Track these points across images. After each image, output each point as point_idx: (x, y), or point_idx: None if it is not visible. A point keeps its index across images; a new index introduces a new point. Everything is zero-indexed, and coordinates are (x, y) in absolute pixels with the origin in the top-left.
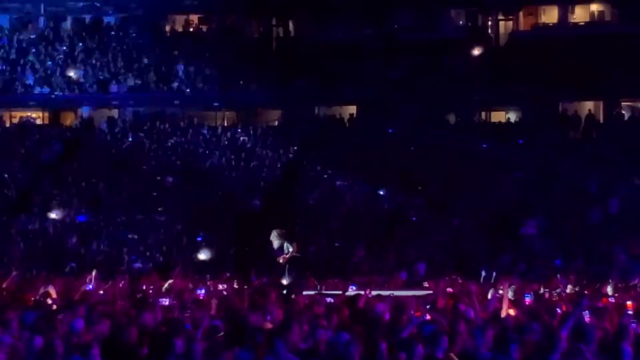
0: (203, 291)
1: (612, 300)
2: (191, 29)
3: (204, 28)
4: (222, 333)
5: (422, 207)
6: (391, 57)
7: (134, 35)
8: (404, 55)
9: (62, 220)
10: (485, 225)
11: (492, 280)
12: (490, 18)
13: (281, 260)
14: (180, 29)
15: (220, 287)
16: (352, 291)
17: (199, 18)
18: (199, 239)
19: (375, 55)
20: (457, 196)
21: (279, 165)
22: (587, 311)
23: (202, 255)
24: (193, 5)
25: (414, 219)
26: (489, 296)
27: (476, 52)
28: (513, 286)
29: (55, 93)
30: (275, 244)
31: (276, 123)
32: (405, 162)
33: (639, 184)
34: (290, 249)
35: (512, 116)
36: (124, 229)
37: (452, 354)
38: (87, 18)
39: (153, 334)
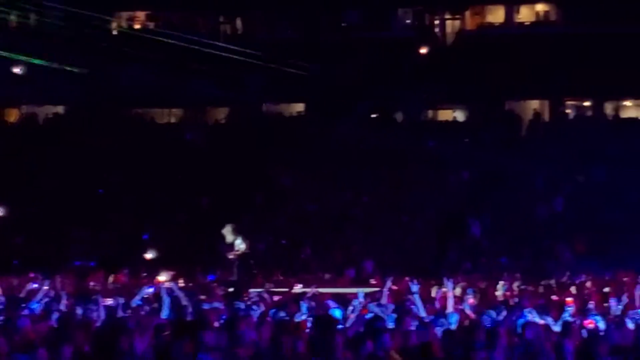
0: (152, 289)
1: (554, 297)
2: (137, 26)
3: (151, 25)
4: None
5: (370, 205)
6: (339, 56)
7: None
8: (353, 53)
9: (6, 217)
10: (432, 223)
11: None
12: (437, 17)
13: (231, 256)
14: (126, 26)
15: (167, 285)
16: (298, 289)
17: (145, 15)
18: (145, 236)
19: (324, 54)
20: (404, 194)
21: (226, 163)
22: (531, 308)
23: (149, 253)
24: (140, 2)
25: (362, 216)
26: (434, 294)
27: (423, 51)
28: (460, 283)
29: None
30: (228, 239)
31: (224, 121)
32: (353, 160)
33: (583, 182)
34: (242, 246)
35: (459, 115)
36: (70, 226)
37: (393, 351)
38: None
39: (97, 332)
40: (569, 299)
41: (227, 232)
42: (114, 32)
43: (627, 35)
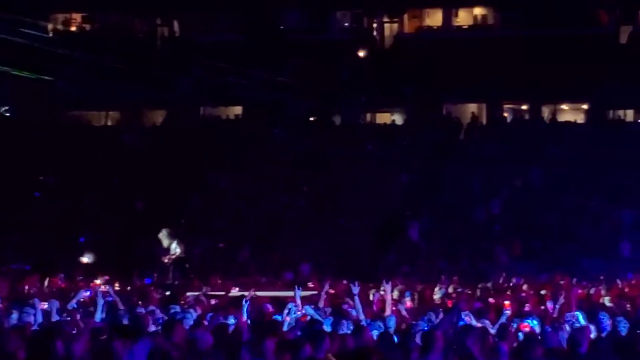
0: (88, 293)
1: (491, 300)
2: (73, 28)
3: (87, 27)
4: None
5: (307, 208)
6: (277, 58)
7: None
8: (290, 56)
9: None
10: (370, 226)
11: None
12: (375, 20)
13: (166, 260)
14: (62, 28)
15: (103, 288)
16: (235, 292)
17: (82, 17)
18: (81, 240)
19: (262, 56)
20: (342, 197)
21: (163, 166)
22: (468, 312)
23: (85, 257)
24: (76, 4)
25: (299, 219)
26: (372, 297)
27: (361, 54)
28: (398, 286)
29: None
30: (164, 243)
31: (161, 123)
32: (291, 163)
33: (520, 185)
34: (178, 250)
35: (397, 118)
36: (5, 229)
37: (330, 355)
38: None
39: (32, 337)
40: (506, 302)
41: (163, 236)
42: (50, 34)
43: (564, 39)
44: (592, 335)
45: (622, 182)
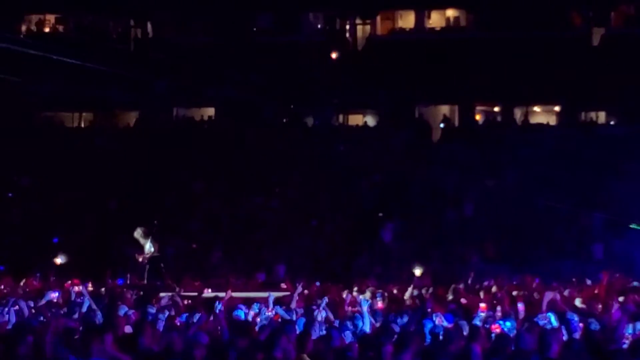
0: (57, 294)
1: (464, 301)
2: (47, 29)
3: (61, 28)
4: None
5: (280, 209)
6: (251, 60)
7: None
8: (264, 57)
9: None
10: (343, 228)
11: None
12: (348, 22)
13: (140, 260)
14: (35, 29)
15: (76, 288)
16: (208, 293)
17: (55, 18)
18: (55, 240)
19: (235, 58)
20: (315, 199)
21: (136, 167)
22: (438, 313)
23: (59, 258)
24: (49, 5)
25: (272, 221)
26: (344, 298)
27: (334, 55)
28: (370, 288)
29: None
30: (139, 242)
31: (134, 125)
32: (263, 165)
33: (492, 187)
34: (152, 249)
35: (370, 120)
36: None
37: (304, 355)
38: None
39: (6, 336)
40: (482, 305)
41: (138, 235)
42: (23, 35)
43: (536, 41)
44: (564, 337)
45: (594, 184)
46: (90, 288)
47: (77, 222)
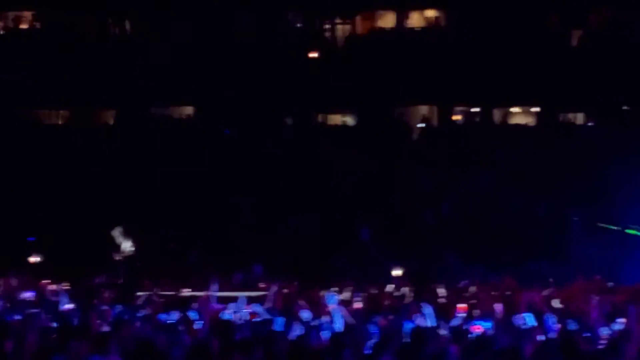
0: (31, 294)
1: (442, 302)
2: (24, 26)
3: (37, 25)
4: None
5: (258, 207)
6: (229, 59)
7: None
8: (241, 56)
9: None
10: (321, 227)
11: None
12: (327, 22)
13: (118, 258)
14: (11, 26)
15: (52, 287)
16: (186, 292)
17: (32, 15)
18: (30, 239)
19: (213, 56)
20: (294, 198)
21: (113, 165)
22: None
23: (34, 257)
24: (26, 2)
25: (250, 219)
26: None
27: (313, 55)
28: (349, 288)
29: None
30: (117, 241)
31: (111, 122)
32: (242, 163)
33: (471, 188)
34: (130, 249)
35: (349, 119)
36: None
37: (282, 355)
38: None
39: None
40: (461, 305)
41: (117, 234)
42: (0, 32)
43: (514, 42)
44: (540, 337)
45: (572, 185)
46: (66, 287)
47: (53, 221)
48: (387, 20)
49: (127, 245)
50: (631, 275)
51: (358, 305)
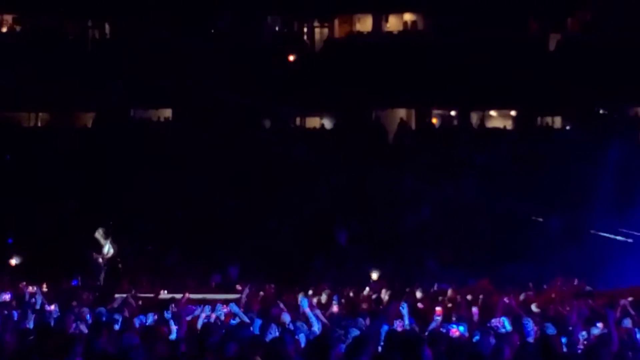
0: (8, 295)
1: (420, 305)
2: (4, 29)
3: (18, 28)
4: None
5: (237, 210)
6: (208, 61)
7: None
8: (221, 59)
9: None
10: (300, 230)
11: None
12: (306, 25)
13: (100, 260)
14: None
15: (30, 289)
16: (164, 294)
17: (13, 18)
18: (9, 241)
19: (192, 59)
20: (272, 200)
21: (93, 168)
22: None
23: (14, 259)
24: (6, 5)
25: (228, 222)
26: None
27: (292, 58)
28: (327, 290)
29: None
30: (99, 242)
31: (90, 125)
32: (220, 165)
33: (449, 191)
34: (112, 251)
35: (327, 122)
36: None
37: (258, 357)
38: None
39: None
40: (438, 309)
41: (99, 236)
42: None
43: (492, 46)
44: (518, 341)
45: (550, 188)
46: (44, 289)
47: (32, 223)
48: (365, 23)
49: (109, 248)
50: (610, 280)
51: (335, 308)
